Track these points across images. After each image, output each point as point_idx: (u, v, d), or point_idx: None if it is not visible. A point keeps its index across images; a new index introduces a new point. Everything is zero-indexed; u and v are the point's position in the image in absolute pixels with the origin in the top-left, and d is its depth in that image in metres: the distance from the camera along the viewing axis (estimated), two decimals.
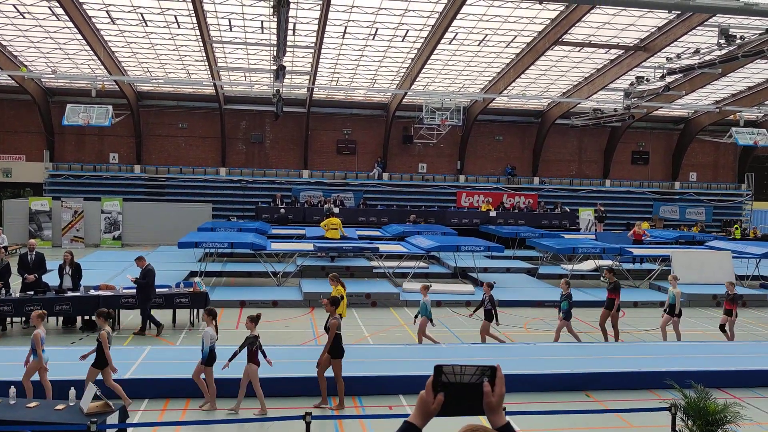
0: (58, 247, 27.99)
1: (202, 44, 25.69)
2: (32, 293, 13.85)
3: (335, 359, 9.47)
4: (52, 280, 15.16)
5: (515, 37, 25.80)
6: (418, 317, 12.95)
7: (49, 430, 7.34)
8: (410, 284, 19.57)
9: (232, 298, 17.30)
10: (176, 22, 24.14)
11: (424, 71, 28.65)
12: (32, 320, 9.30)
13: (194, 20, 23.34)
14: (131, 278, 14.24)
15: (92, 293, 14.12)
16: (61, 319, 14.42)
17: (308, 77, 29.58)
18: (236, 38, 25.97)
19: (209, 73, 28.92)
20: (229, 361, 9.30)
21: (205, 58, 27.24)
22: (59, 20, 23.95)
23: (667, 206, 37.40)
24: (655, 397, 10.21)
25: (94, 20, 24.39)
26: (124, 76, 29.41)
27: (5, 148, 32.30)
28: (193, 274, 19.97)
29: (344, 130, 35.02)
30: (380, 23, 24.16)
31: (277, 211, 31.09)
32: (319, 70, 28.50)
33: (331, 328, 9.48)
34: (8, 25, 24.73)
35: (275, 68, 23.37)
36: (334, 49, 26.87)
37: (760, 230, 36.27)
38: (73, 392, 8.04)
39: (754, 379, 11.21)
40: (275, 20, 19.17)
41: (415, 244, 21.43)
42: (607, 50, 27.46)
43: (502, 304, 17.92)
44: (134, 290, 14.28)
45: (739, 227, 35.25)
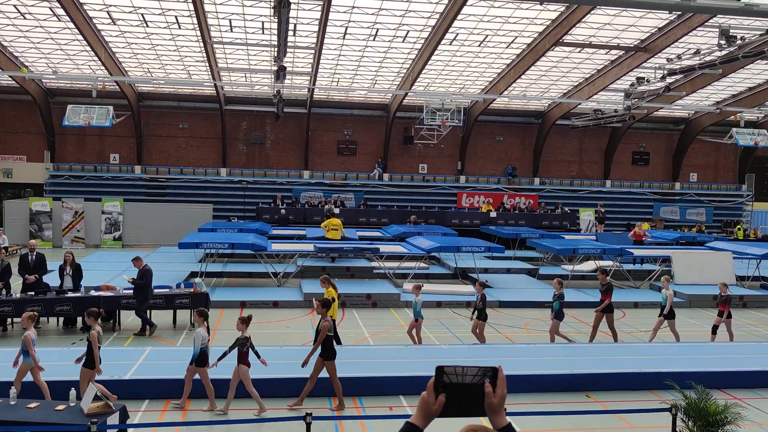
0: (58, 247, 28.00)
1: (202, 45, 25.71)
2: (33, 294, 13.85)
3: (328, 361, 9.44)
4: (52, 280, 15.16)
5: (516, 37, 25.81)
6: (419, 319, 12.98)
7: (49, 430, 7.34)
8: (411, 285, 19.55)
9: (232, 298, 17.30)
10: (177, 22, 24.15)
11: (424, 72, 28.66)
12: (22, 322, 9.26)
13: (195, 21, 23.36)
14: (128, 279, 14.24)
15: (93, 294, 14.13)
16: (61, 319, 14.42)
17: (309, 78, 29.60)
18: (237, 39, 25.98)
19: (210, 73, 28.94)
20: (217, 360, 9.31)
21: (205, 58, 27.25)
22: (60, 21, 23.97)
23: (667, 207, 37.39)
24: (655, 397, 10.21)
25: (94, 21, 24.41)
26: (124, 76, 29.43)
27: (6, 148, 32.32)
28: (193, 274, 19.98)
29: (345, 130, 35.02)
30: (381, 24, 24.17)
31: (277, 211, 31.10)
32: (319, 70, 28.52)
33: (322, 330, 9.47)
34: (9, 25, 24.75)
35: (276, 69, 23.38)
36: (334, 49, 26.88)
37: (760, 231, 36.26)
38: (73, 393, 8.04)
39: (754, 379, 11.21)
40: (276, 21, 19.19)
41: (415, 244, 21.43)
42: (607, 51, 27.47)
43: (502, 304, 18.01)
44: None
45: (741, 228, 35.25)
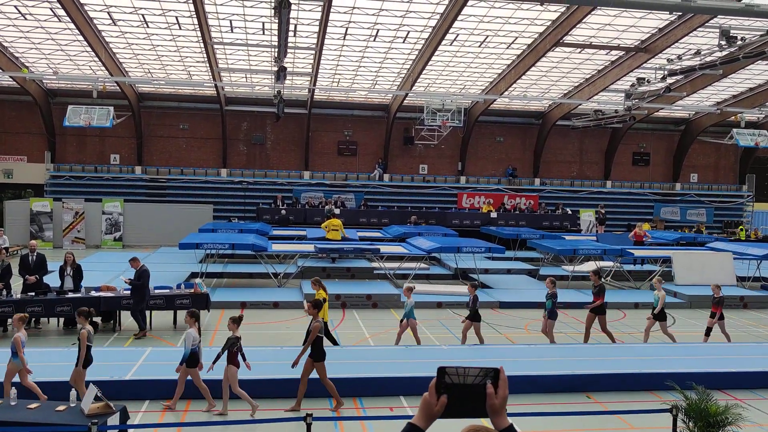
0: (59, 248, 27.99)
1: (203, 45, 25.72)
2: (33, 294, 13.85)
3: (318, 362, 9.40)
4: (53, 281, 15.16)
5: (516, 38, 25.81)
6: (403, 321, 12.98)
7: (50, 431, 7.33)
8: (411, 285, 19.55)
9: (233, 299, 17.29)
10: (177, 23, 24.16)
11: (425, 72, 28.66)
12: (14, 323, 9.23)
13: (195, 21, 23.37)
14: (125, 280, 14.22)
15: (93, 294, 14.12)
16: (62, 320, 14.42)
17: (309, 78, 29.60)
18: (237, 39, 25.98)
19: (210, 74, 28.94)
20: (213, 363, 9.30)
21: (206, 59, 27.26)
22: (61, 21, 23.98)
23: (668, 207, 37.38)
24: (656, 398, 10.20)
25: (95, 21, 24.42)
26: (125, 77, 29.44)
27: (6, 149, 32.33)
28: (194, 275, 19.97)
29: (345, 131, 35.03)
30: (381, 24, 24.18)
31: (278, 212, 31.11)
32: (320, 71, 28.53)
33: (312, 331, 9.45)
34: (10, 26, 24.77)
35: (276, 69, 23.40)
36: (335, 50, 26.89)
37: (761, 232, 36.24)
38: (74, 393, 8.04)
39: (755, 380, 11.19)
40: (276, 21, 19.20)
41: (415, 245, 21.43)
42: (608, 51, 27.47)
43: (503, 305, 18.01)
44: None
45: (744, 228, 35.25)
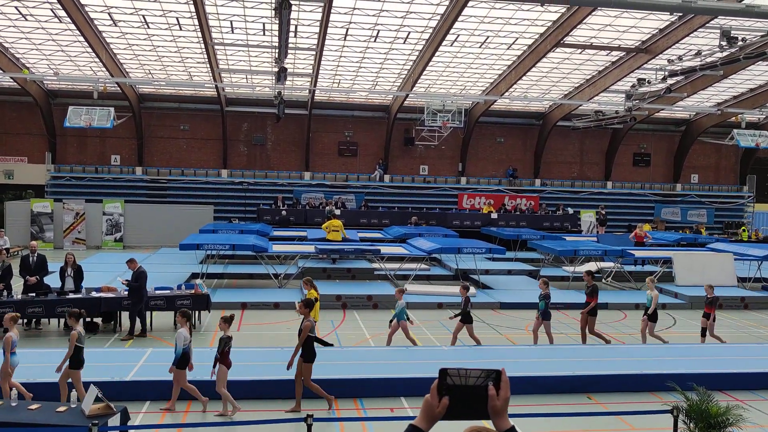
0: (59, 249, 28.01)
1: (203, 46, 25.72)
2: (34, 295, 13.85)
3: (306, 363, 9.38)
4: (53, 282, 15.16)
5: (517, 39, 25.81)
6: (392, 321, 12.95)
7: None
8: (412, 286, 19.56)
9: (233, 300, 17.28)
10: (178, 24, 24.17)
11: (425, 73, 28.65)
12: (5, 322, 9.22)
13: (196, 22, 23.37)
14: (123, 281, 14.19)
15: (94, 295, 14.12)
16: (62, 321, 14.41)
17: (310, 79, 29.61)
18: (238, 40, 25.99)
19: (211, 75, 28.95)
20: (213, 367, 9.30)
21: (206, 60, 27.26)
22: (61, 22, 23.99)
23: (668, 208, 37.37)
24: (657, 399, 10.19)
25: (96, 22, 24.43)
26: (125, 78, 29.45)
27: (7, 150, 32.34)
28: (194, 275, 19.98)
29: (345, 132, 35.03)
30: (382, 25, 24.17)
31: (278, 212, 31.11)
32: (320, 72, 28.53)
33: (303, 330, 9.44)
34: (10, 27, 24.78)
35: (277, 70, 23.40)
36: (335, 51, 26.89)
37: (761, 232, 36.22)
38: (74, 394, 8.04)
39: (756, 381, 11.18)
40: (277, 22, 19.20)
41: (416, 246, 21.42)
42: (608, 52, 27.46)
43: (503, 306, 18.01)
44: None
45: (746, 229, 35.23)
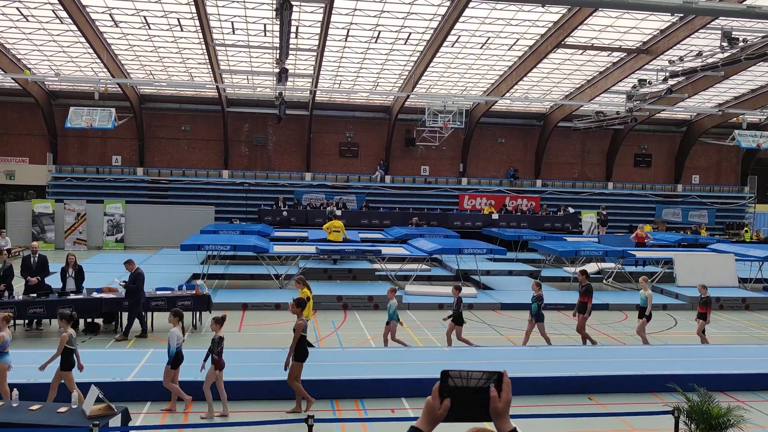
0: (60, 249, 28.03)
1: (204, 47, 25.74)
2: (35, 296, 13.85)
3: (297, 362, 9.39)
4: (54, 282, 15.17)
5: (518, 40, 25.81)
6: (398, 322, 12.93)
7: None
8: (413, 287, 19.57)
9: (234, 300, 17.29)
10: (179, 24, 24.19)
11: (426, 74, 28.65)
12: None
13: (197, 23, 23.39)
14: (120, 282, 14.15)
15: (95, 296, 14.12)
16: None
17: (311, 80, 29.63)
18: (239, 41, 26.01)
19: (212, 75, 28.96)
20: (204, 361, 9.35)
21: (207, 60, 27.28)
22: (63, 23, 24.02)
23: (669, 209, 37.35)
24: (658, 400, 10.18)
25: (97, 23, 24.45)
26: (126, 78, 29.48)
27: (8, 150, 32.37)
28: (195, 276, 19.98)
29: (347, 132, 35.04)
30: (382, 26, 24.18)
31: (279, 213, 31.13)
32: (321, 72, 28.55)
33: (296, 329, 9.46)
34: (12, 28, 24.81)
35: (278, 71, 23.39)
36: (336, 52, 26.90)
37: (763, 233, 36.19)
38: (75, 395, 8.04)
39: (757, 382, 11.17)
40: (278, 23, 19.20)
41: (417, 246, 21.42)
42: (609, 53, 27.45)
43: (504, 306, 18.01)
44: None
45: (749, 230, 35.20)
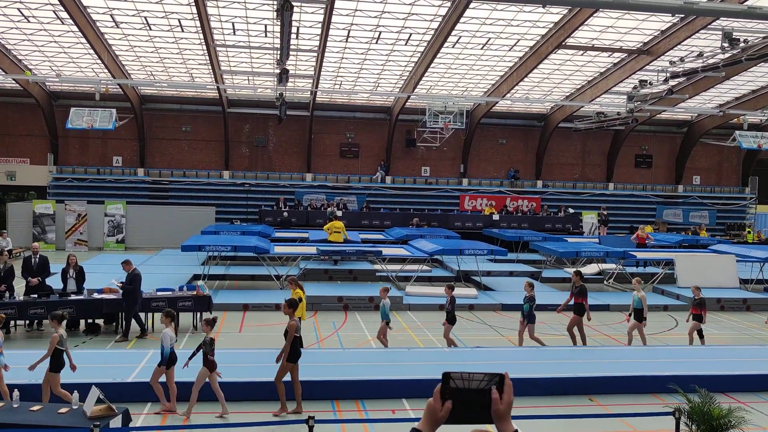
0: (61, 250, 28.04)
1: (205, 48, 25.76)
2: (36, 296, 13.85)
3: (290, 363, 9.38)
4: (55, 283, 15.16)
5: (518, 40, 25.81)
6: (387, 323, 12.76)
7: None
8: (413, 288, 19.57)
9: (235, 301, 17.30)
10: (180, 25, 24.20)
11: (427, 75, 28.66)
12: None
13: (198, 24, 23.40)
14: (117, 283, 14.13)
15: (96, 296, 14.12)
16: (64, 322, 14.40)
17: (311, 81, 29.64)
18: (240, 42, 26.02)
19: (213, 76, 28.97)
20: (188, 360, 9.36)
21: (208, 61, 27.29)
22: (63, 24, 24.04)
23: (670, 210, 37.34)
24: (659, 401, 10.17)
25: (98, 24, 24.47)
26: (127, 79, 29.49)
27: (9, 151, 32.39)
28: (196, 277, 19.97)
29: (347, 133, 35.05)
30: (383, 27, 24.19)
31: (280, 214, 31.13)
32: (322, 73, 28.56)
33: (289, 330, 9.44)
34: (13, 28, 24.82)
35: (278, 72, 23.40)
36: (337, 52, 26.90)
37: (764, 234, 36.15)
38: (76, 395, 8.04)
39: (758, 383, 11.15)
40: (279, 24, 19.21)
41: (418, 247, 21.42)
42: (610, 54, 27.44)
43: (505, 307, 18.01)
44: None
45: (751, 231, 35.17)
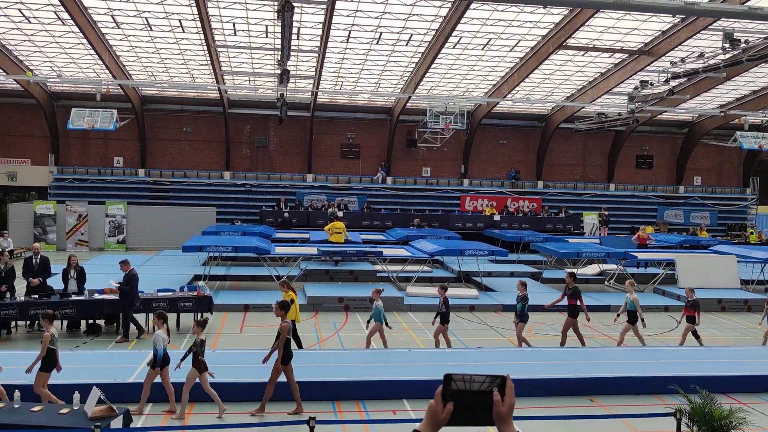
0: (62, 250, 28.06)
1: (206, 48, 25.77)
2: (37, 297, 13.86)
3: (283, 365, 9.36)
4: (56, 283, 15.17)
5: (519, 41, 25.81)
6: (370, 322, 12.74)
7: None
8: (414, 288, 19.56)
9: (236, 302, 17.31)
10: (181, 26, 24.22)
11: (428, 75, 28.66)
12: None
13: (198, 24, 23.41)
14: (114, 284, 14.14)
15: (97, 297, 14.13)
16: (65, 323, 14.43)
17: (312, 81, 29.65)
18: (240, 42, 26.04)
19: (213, 77, 28.99)
20: (180, 361, 9.37)
21: (209, 62, 27.30)
22: (65, 25, 24.05)
23: (671, 210, 37.32)
24: (659, 402, 10.16)
25: (99, 25, 24.49)
26: (128, 80, 29.51)
27: (10, 151, 32.41)
28: (197, 277, 19.99)
29: (348, 134, 35.05)
30: (384, 28, 24.20)
31: (281, 215, 31.13)
32: (323, 74, 28.56)
33: (281, 332, 9.43)
34: (14, 29, 24.85)
35: (279, 72, 23.42)
36: (338, 53, 26.91)
37: (765, 234, 36.12)
38: (77, 396, 8.04)
39: (759, 384, 11.15)
40: (279, 24, 19.22)
41: (418, 248, 21.42)
42: (611, 54, 27.44)
43: (506, 308, 17.99)
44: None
45: (754, 231, 35.14)
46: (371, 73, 29.89)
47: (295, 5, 17.82)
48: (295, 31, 22.14)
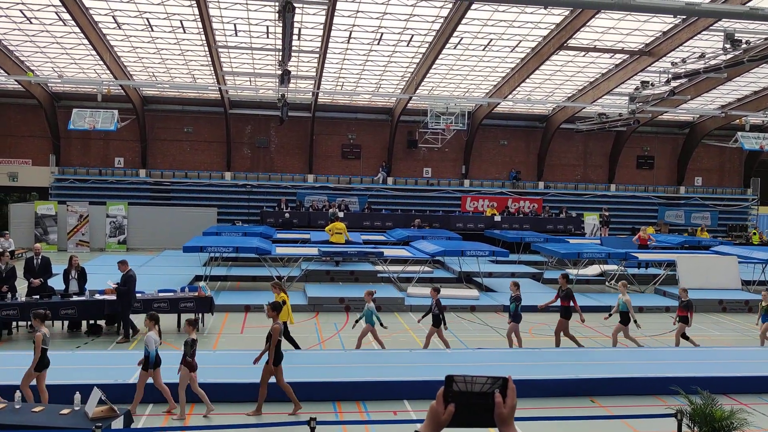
0: (63, 251, 28.07)
1: (207, 49, 25.78)
2: (38, 297, 13.87)
3: (274, 366, 9.37)
4: (57, 284, 15.19)
5: (520, 41, 25.81)
6: (359, 322, 12.75)
7: None
8: (415, 289, 19.56)
9: (236, 302, 17.31)
10: (182, 26, 24.24)
11: (428, 76, 28.67)
12: None
13: (200, 25, 23.43)
14: (112, 284, 14.14)
15: (97, 297, 14.13)
16: (66, 323, 14.45)
17: (313, 82, 29.66)
18: (241, 43, 26.05)
19: (214, 77, 29.00)
20: (181, 363, 9.36)
21: (210, 62, 27.31)
22: (66, 25, 24.07)
23: (672, 211, 37.31)
24: (660, 403, 10.15)
25: (100, 25, 24.51)
26: (129, 80, 29.53)
27: (11, 152, 32.43)
28: (198, 278, 20.01)
29: (349, 134, 35.06)
30: (385, 28, 24.21)
31: (281, 215, 31.13)
32: (324, 74, 28.57)
33: (273, 333, 9.44)
34: (15, 30, 24.86)
35: (280, 73, 23.43)
36: (339, 53, 26.91)
37: (765, 235, 36.11)
38: (78, 396, 8.04)
39: (760, 384, 11.15)
40: (280, 25, 19.23)
41: (419, 248, 21.41)
42: (612, 55, 27.44)
43: (507, 309, 17.97)
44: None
45: (756, 232, 35.10)
46: (372, 73, 29.90)
47: (296, 6, 17.83)
48: (296, 31, 22.15)
